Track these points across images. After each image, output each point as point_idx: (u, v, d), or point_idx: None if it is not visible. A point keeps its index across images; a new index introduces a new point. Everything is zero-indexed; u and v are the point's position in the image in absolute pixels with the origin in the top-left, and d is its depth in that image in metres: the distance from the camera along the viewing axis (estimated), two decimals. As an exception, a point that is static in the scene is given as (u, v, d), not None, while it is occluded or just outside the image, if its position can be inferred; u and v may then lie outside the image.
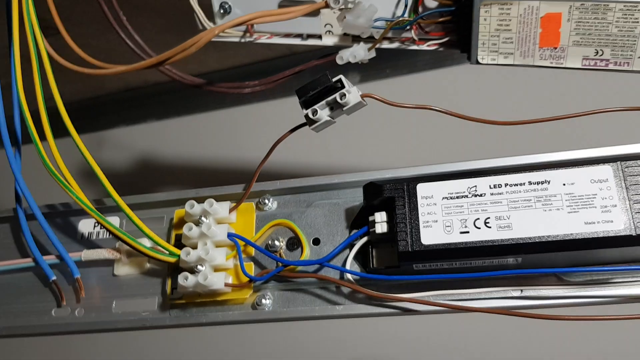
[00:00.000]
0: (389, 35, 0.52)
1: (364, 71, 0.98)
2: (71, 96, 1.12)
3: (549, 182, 0.35)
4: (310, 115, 0.38)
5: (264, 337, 0.74)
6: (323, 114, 0.39)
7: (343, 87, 0.38)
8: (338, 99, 0.38)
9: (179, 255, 0.40)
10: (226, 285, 0.40)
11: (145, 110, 1.10)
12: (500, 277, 0.37)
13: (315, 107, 0.38)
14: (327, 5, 0.46)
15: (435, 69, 0.94)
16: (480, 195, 0.36)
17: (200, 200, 0.42)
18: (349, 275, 0.39)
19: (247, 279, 0.40)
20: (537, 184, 0.35)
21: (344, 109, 0.38)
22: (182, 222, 0.42)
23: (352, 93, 0.38)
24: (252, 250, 0.42)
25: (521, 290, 0.37)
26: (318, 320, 0.40)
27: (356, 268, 0.40)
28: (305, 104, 0.39)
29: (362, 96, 0.39)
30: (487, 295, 0.38)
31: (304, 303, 0.41)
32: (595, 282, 0.36)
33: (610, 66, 0.48)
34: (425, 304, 0.37)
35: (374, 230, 0.38)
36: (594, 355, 0.69)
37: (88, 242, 0.46)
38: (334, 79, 0.38)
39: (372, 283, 0.40)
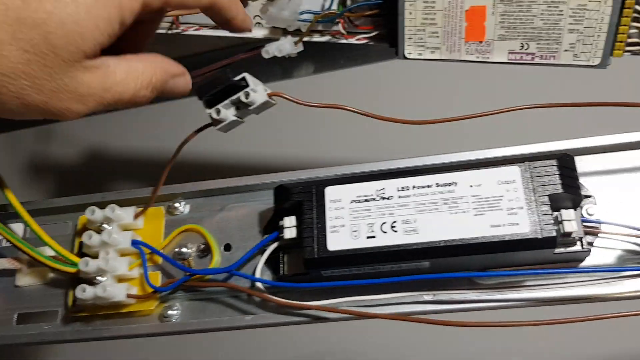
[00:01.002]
0: (319, 28, 0.50)
1: (318, 62, 0.96)
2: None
3: (456, 184, 0.34)
4: (214, 115, 0.36)
5: (183, 347, 0.72)
6: (228, 113, 0.37)
7: (247, 85, 0.36)
8: (243, 98, 0.36)
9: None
10: (129, 296, 0.38)
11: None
12: (411, 282, 0.36)
13: (219, 106, 0.36)
14: (248, -3, 0.44)
15: (387, 60, 0.93)
16: (388, 198, 0.35)
17: (106, 205, 0.39)
18: (259, 283, 0.38)
19: (152, 290, 0.38)
20: (444, 185, 0.34)
21: (250, 108, 0.36)
22: (85, 229, 0.40)
23: (257, 92, 0.36)
24: (159, 259, 0.40)
25: (434, 295, 0.36)
26: (228, 331, 0.38)
27: (268, 274, 0.39)
28: (208, 103, 0.37)
29: (270, 95, 0.37)
30: (400, 301, 0.36)
31: (213, 313, 0.39)
32: (508, 285, 0.35)
33: (537, 60, 0.46)
34: (333, 311, 0.36)
35: (283, 236, 0.37)
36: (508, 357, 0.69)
37: (-11, 251, 0.43)
38: (237, 77, 0.36)
39: (286, 290, 0.38)
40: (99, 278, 0.37)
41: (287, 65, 0.98)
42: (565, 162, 0.33)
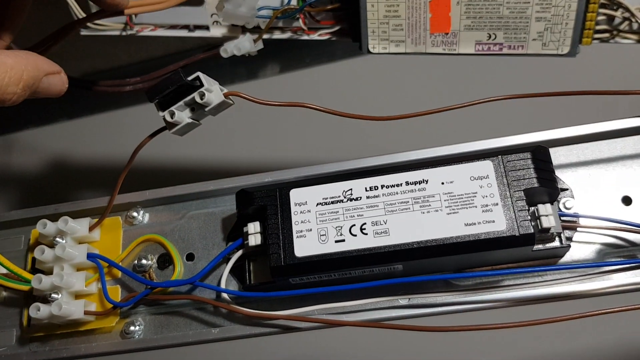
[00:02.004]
0: (280, 25, 0.49)
1: (284, 61, 0.95)
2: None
3: (427, 182, 0.32)
4: (168, 118, 0.34)
5: None
6: (183, 115, 0.34)
7: (202, 85, 0.34)
8: (198, 99, 0.34)
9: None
10: (87, 313, 0.36)
11: (53, 110, 1.03)
12: (384, 286, 0.34)
13: (173, 108, 0.34)
14: (204, -7, 0.42)
15: (354, 57, 0.92)
16: (356, 199, 0.33)
17: (59, 217, 0.37)
18: (225, 295, 0.36)
19: (111, 305, 0.36)
20: (415, 184, 0.32)
21: (206, 109, 0.34)
22: (38, 244, 0.37)
23: (213, 92, 0.34)
24: (118, 272, 0.38)
25: (409, 299, 0.34)
26: (194, 345, 0.36)
27: (234, 284, 0.37)
28: (161, 106, 0.34)
29: (227, 94, 0.35)
30: (374, 306, 0.35)
31: (177, 327, 0.37)
32: (485, 286, 0.34)
33: (505, 50, 0.45)
34: (303, 320, 0.34)
35: (248, 243, 0.35)
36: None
37: None
38: (190, 77, 0.34)
39: (254, 300, 0.36)
40: (53, 295, 0.35)
41: (252, 65, 0.96)
42: (540, 154, 0.32)
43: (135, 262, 0.37)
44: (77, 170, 0.94)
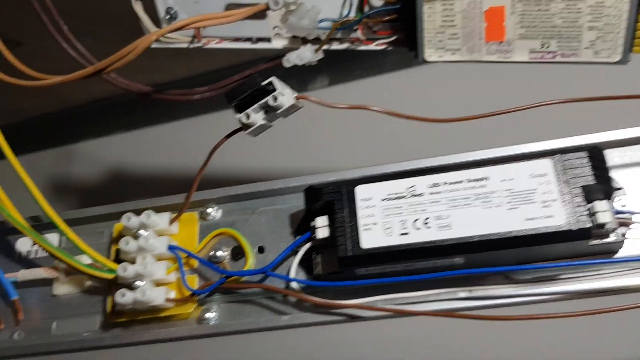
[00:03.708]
0: (338, 36, 0.51)
1: (333, 74, 0.97)
2: (37, 110, 1.10)
3: (487, 179, 0.34)
4: (244, 120, 0.37)
5: (221, 350, 0.72)
6: (257, 117, 0.37)
7: (275, 89, 0.37)
8: (271, 102, 0.37)
9: (117, 271, 0.39)
10: (168, 300, 0.39)
11: (112, 122, 1.08)
12: (446, 278, 0.36)
13: (248, 111, 0.37)
14: (268, 8, 0.45)
15: (403, 69, 0.93)
16: (419, 195, 0.35)
17: (140, 212, 0.40)
18: (294, 284, 0.38)
19: (190, 292, 0.39)
20: (476, 180, 0.34)
21: (278, 112, 0.37)
22: (121, 236, 0.41)
23: (285, 95, 0.37)
24: (195, 263, 0.41)
25: (469, 291, 0.36)
26: (265, 332, 0.39)
27: (302, 275, 0.39)
28: (238, 108, 0.37)
29: (297, 98, 0.38)
30: (435, 298, 0.37)
31: (250, 314, 0.39)
32: (543, 279, 0.35)
33: (558, 58, 0.47)
34: (370, 309, 0.36)
35: (316, 236, 0.37)
36: (545, 353, 0.68)
37: (26, 261, 0.44)
38: (265, 82, 0.37)
39: (320, 290, 0.38)
40: (137, 283, 0.38)
41: (302, 78, 0.99)
42: (595, 153, 0.34)
43: (211, 253, 0.40)
44: (133, 179, 0.98)
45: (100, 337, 0.41)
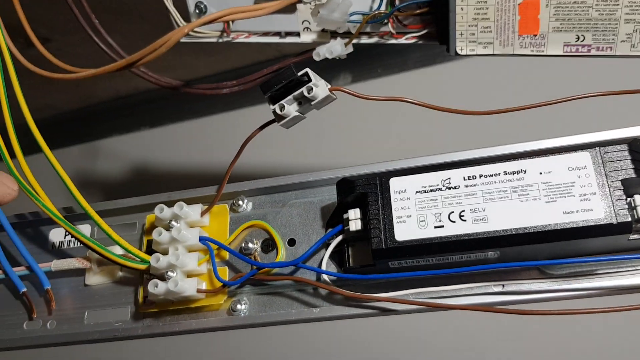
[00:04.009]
0: (367, 29, 0.51)
1: (356, 71, 0.97)
2: (63, 106, 1.11)
3: (525, 172, 0.34)
4: (278, 111, 0.37)
5: (251, 342, 0.73)
6: (291, 109, 0.37)
7: (310, 80, 0.37)
8: (305, 93, 0.36)
9: (149, 262, 0.39)
10: (199, 291, 0.39)
11: (137, 118, 1.09)
12: (480, 272, 0.36)
13: (283, 102, 0.37)
14: (300, 0, 0.45)
15: (426, 67, 0.93)
16: (455, 188, 0.35)
17: (172, 204, 0.40)
18: (325, 276, 0.38)
19: (221, 284, 0.39)
20: (513, 173, 0.34)
21: (313, 103, 0.37)
22: (153, 228, 0.41)
23: (319, 87, 0.37)
24: (226, 254, 0.41)
25: (503, 286, 0.36)
26: (295, 324, 0.38)
27: (333, 268, 0.39)
28: (272, 100, 0.37)
29: (331, 90, 0.37)
30: (468, 292, 0.36)
31: (280, 307, 0.39)
32: (579, 274, 0.35)
33: (593, 52, 0.46)
34: (403, 302, 0.36)
35: (349, 228, 0.37)
36: (580, 348, 0.67)
37: (59, 252, 0.45)
38: (300, 72, 0.36)
39: (351, 283, 0.38)
40: (169, 273, 0.38)
41: (325, 76, 0.99)
42: (636, 146, 0.33)
43: (242, 245, 0.40)
44: (157, 174, 0.99)
45: (132, 327, 0.41)
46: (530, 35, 0.46)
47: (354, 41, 0.51)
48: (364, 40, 0.52)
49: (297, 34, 0.53)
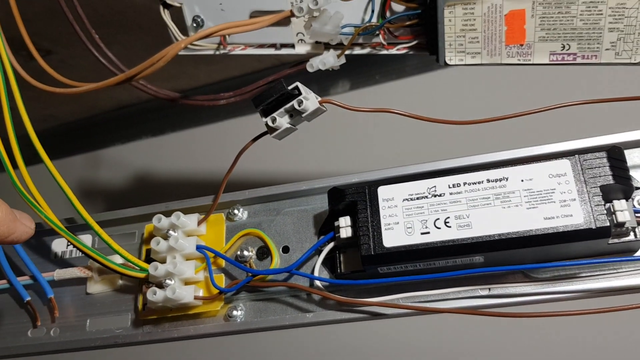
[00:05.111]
0: (360, 41, 0.52)
1: (354, 78, 0.99)
2: (67, 116, 1.13)
3: (507, 179, 0.35)
4: (270, 124, 0.38)
5: (247, 347, 0.74)
6: (283, 121, 0.39)
7: (300, 93, 0.38)
8: (296, 106, 0.38)
9: (148, 270, 0.40)
10: (196, 298, 0.40)
11: (139, 128, 1.11)
12: (466, 276, 0.37)
13: (274, 114, 0.38)
14: (292, 15, 0.46)
15: (423, 73, 0.94)
16: (440, 195, 0.36)
17: (170, 214, 0.42)
18: (318, 282, 0.39)
19: (217, 291, 0.40)
20: (496, 181, 0.35)
21: (303, 115, 0.38)
22: (152, 237, 0.42)
23: (309, 99, 0.38)
24: (222, 262, 0.42)
25: (489, 289, 0.37)
26: (290, 329, 0.40)
27: (325, 274, 0.40)
28: (264, 113, 0.39)
29: (321, 102, 0.39)
30: (455, 296, 0.37)
31: (275, 312, 0.41)
32: (562, 278, 0.36)
33: (578, 60, 0.47)
34: (393, 307, 0.37)
35: (339, 236, 0.38)
36: (564, 349, 0.68)
37: (62, 261, 0.46)
38: (290, 86, 0.38)
39: (342, 288, 0.39)
40: (167, 281, 0.39)
41: (324, 83, 1.01)
42: (615, 153, 0.34)
43: (238, 253, 0.42)
44: (158, 183, 1.01)
45: (132, 333, 0.42)
46: (517, 45, 0.47)
47: (347, 52, 0.53)
48: (357, 51, 0.53)
49: (292, 46, 0.55)
